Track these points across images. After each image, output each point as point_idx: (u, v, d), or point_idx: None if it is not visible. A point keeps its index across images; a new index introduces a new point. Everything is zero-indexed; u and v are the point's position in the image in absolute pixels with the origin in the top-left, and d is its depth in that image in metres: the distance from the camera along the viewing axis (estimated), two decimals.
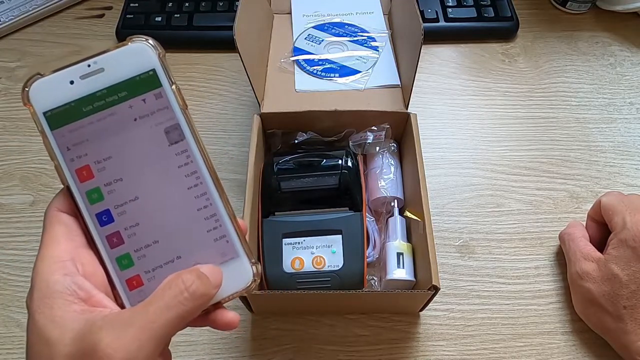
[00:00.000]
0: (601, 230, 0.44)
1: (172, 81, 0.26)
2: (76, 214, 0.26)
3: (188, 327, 0.26)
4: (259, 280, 0.27)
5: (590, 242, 0.44)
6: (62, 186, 0.26)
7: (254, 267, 0.27)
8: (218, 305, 0.26)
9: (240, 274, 0.27)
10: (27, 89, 0.25)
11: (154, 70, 0.26)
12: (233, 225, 0.27)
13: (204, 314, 0.26)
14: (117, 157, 0.26)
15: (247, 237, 0.28)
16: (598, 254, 0.42)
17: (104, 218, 0.26)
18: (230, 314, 0.26)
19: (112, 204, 0.26)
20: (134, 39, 0.26)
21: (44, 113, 0.25)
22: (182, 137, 0.26)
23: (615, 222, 0.41)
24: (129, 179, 0.26)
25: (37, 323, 0.23)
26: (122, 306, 0.26)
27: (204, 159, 0.27)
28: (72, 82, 0.25)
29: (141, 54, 0.26)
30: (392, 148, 0.50)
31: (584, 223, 0.46)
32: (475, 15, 0.62)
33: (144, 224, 0.26)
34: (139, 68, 0.26)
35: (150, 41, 0.26)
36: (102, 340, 0.22)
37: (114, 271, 0.26)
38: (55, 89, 0.25)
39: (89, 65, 0.25)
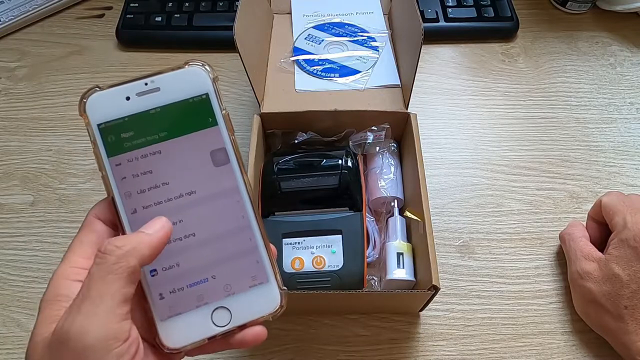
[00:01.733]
0: (602, 230, 0.45)
1: (222, 107, 0.27)
2: (115, 224, 0.27)
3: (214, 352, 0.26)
4: (285, 307, 0.28)
5: (591, 242, 0.44)
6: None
7: (282, 294, 0.28)
8: (243, 327, 0.27)
9: (268, 298, 0.27)
10: (84, 100, 0.26)
11: (207, 94, 0.27)
12: (266, 249, 0.28)
13: (231, 336, 0.27)
14: (164, 176, 0.26)
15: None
16: (599, 253, 0.42)
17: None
18: (257, 328, 0.27)
19: None
20: (191, 63, 0.27)
21: (98, 125, 0.26)
22: (227, 160, 0.27)
23: (616, 222, 0.41)
24: (172, 198, 0.27)
25: (36, 323, 0.24)
26: (152, 319, 0.26)
27: (245, 182, 0.27)
28: (128, 98, 0.26)
29: (197, 77, 0.26)
30: (392, 148, 0.50)
31: (584, 223, 0.46)
32: (475, 15, 0.62)
33: (182, 242, 0.27)
34: (193, 91, 0.26)
35: (207, 66, 0.27)
36: (62, 327, 0.22)
37: (146, 284, 0.26)
38: (111, 103, 0.26)
39: (146, 84, 0.26)
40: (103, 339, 0.22)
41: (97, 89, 0.26)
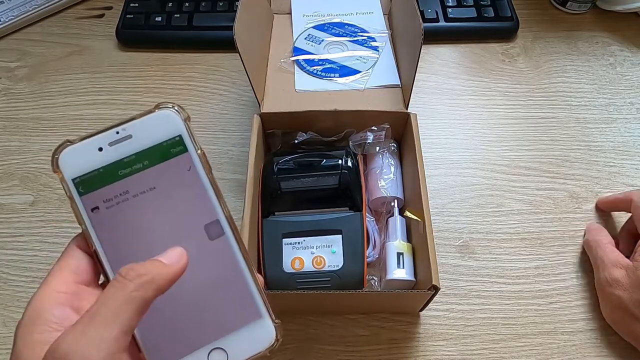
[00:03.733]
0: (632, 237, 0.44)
1: (197, 146, 0.27)
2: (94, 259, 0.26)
3: None
4: (281, 340, 0.27)
5: (619, 248, 0.44)
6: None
7: (276, 327, 0.27)
8: None
9: (263, 334, 0.27)
10: (56, 156, 0.25)
11: (180, 136, 0.26)
12: (256, 284, 0.27)
13: None
14: (147, 222, 0.26)
15: (260, 280, 0.28)
16: (626, 260, 0.41)
17: None
18: None
19: None
20: (160, 106, 0.26)
21: (73, 179, 0.26)
22: (207, 198, 0.27)
23: None
24: (155, 242, 0.26)
25: (17, 349, 0.23)
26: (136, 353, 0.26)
27: (226, 216, 0.27)
28: (100, 149, 0.26)
29: (168, 120, 0.26)
30: (392, 148, 0.50)
31: (601, 226, 0.46)
32: (475, 15, 0.62)
33: (172, 288, 0.26)
34: (166, 134, 0.26)
35: (176, 107, 0.26)
36: (59, 345, 0.21)
37: (139, 332, 0.26)
38: (84, 156, 0.26)
39: (117, 132, 0.26)
40: None
41: (69, 143, 0.25)
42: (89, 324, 0.22)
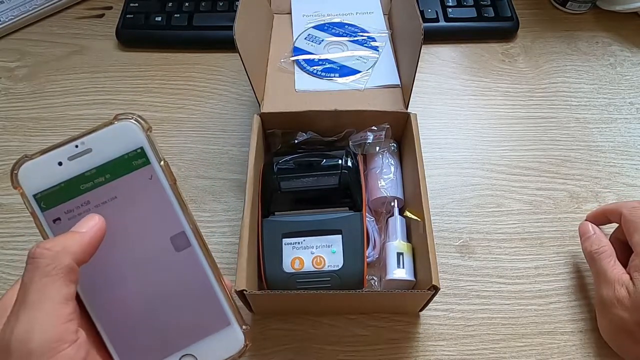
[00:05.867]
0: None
1: (160, 157, 0.26)
2: None
3: None
4: (250, 344, 0.28)
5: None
6: None
7: (244, 333, 0.28)
8: None
9: (232, 340, 0.28)
10: (15, 172, 0.25)
11: (141, 148, 0.26)
12: (224, 293, 0.28)
13: None
14: (112, 235, 0.26)
15: (232, 291, 0.29)
16: (627, 277, 0.39)
17: (94, 293, 0.26)
18: None
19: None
20: (119, 117, 0.26)
21: (34, 195, 0.25)
22: (171, 206, 0.27)
23: (637, 241, 0.39)
24: (119, 256, 0.26)
25: None
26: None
27: (191, 227, 0.27)
28: (60, 164, 0.25)
29: (127, 132, 0.26)
30: (392, 148, 0.50)
31: (600, 232, 0.44)
32: (475, 15, 0.62)
33: (139, 297, 0.26)
34: (126, 147, 0.26)
35: (137, 118, 0.26)
36: (13, 333, 0.22)
37: (108, 340, 0.26)
38: (43, 171, 0.25)
39: (76, 146, 0.25)
40: (47, 341, 0.21)
41: (26, 158, 0.25)
42: (19, 311, 0.22)
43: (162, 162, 0.26)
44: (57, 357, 0.22)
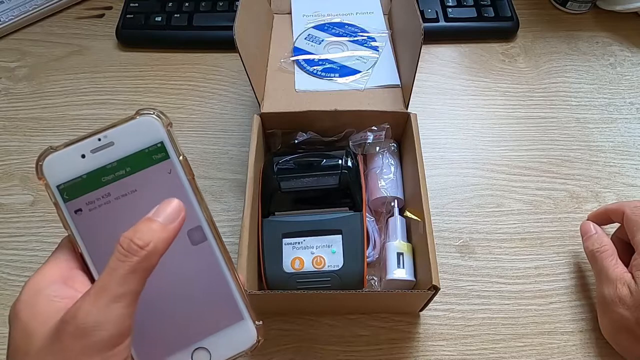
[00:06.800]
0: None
1: (179, 152, 0.27)
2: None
3: None
4: (262, 340, 0.28)
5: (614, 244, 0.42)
6: None
7: (257, 328, 0.28)
8: None
9: (244, 335, 0.28)
10: (40, 164, 0.26)
11: (161, 142, 0.27)
12: (238, 287, 0.28)
13: None
14: (127, 224, 0.26)
15: (245, 281, 0.29)
16: (629, 275, 0.40)
17: None
18: None
19: None
20: (142, 112, 0.26)
21: (58, 186, 0.26)
22: (189, 202, 0.27)
23: (639, 240, 0.39)
24: None
25: (21, 320, 0.24)
26: None
27: (207, 221, 0.27)
28: (83, 156, 0.26)
29: (149, 127, 0.26)
30: (392, 148, 0.50)
31: (601, 231, 0.44)
32: (475, 15, 0.62)
33: (155, 291, 0.27)
34: (147, 141, 0.26)
35: (158, 113, 0.27)
36: (76, 314, 0.22)
37: None
38: (67, 163, 0.26)
39: (99, 139, 0.26)
40: (115, 335, 0.23)
41: (51, 150, 0.26)
42: (99, 293, 0.23)
43: (181, 157, 0.27)
44: (114, 351, 0.23)
